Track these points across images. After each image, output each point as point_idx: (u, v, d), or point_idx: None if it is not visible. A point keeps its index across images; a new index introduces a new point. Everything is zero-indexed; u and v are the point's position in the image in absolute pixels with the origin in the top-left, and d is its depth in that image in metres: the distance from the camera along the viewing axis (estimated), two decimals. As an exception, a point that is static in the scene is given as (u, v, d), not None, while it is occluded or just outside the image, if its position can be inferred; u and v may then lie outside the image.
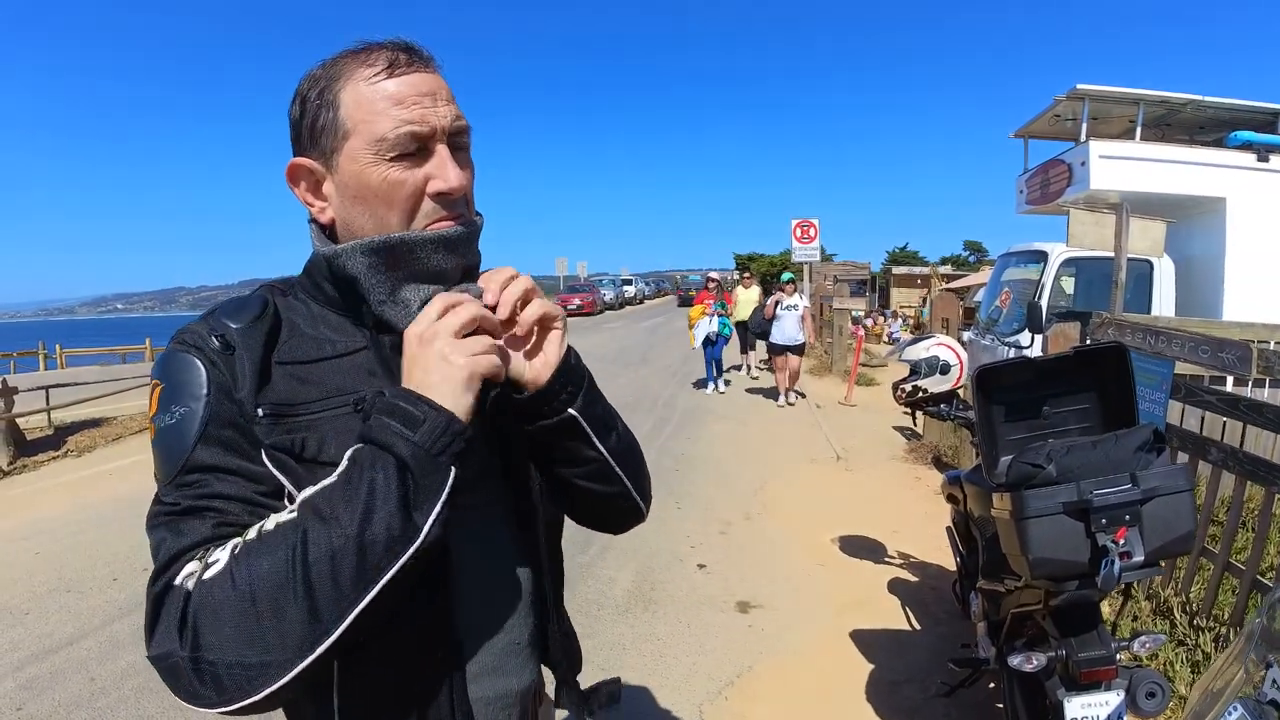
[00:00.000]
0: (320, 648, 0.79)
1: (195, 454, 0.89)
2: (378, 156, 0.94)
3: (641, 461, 1.17)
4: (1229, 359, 3.49)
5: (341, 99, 0.96)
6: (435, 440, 0.85)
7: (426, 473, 0.84)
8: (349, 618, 0.80)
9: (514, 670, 1.07)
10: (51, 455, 9.91)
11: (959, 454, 7.41)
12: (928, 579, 4.93)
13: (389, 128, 0.94)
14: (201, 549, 0.85)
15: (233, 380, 0.92)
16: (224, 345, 0.94)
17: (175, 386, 0.92)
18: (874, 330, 24.09)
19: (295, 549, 0.80)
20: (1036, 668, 2.31)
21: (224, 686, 0.78)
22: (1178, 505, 2.03)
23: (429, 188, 0.97)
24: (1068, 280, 9.15)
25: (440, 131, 0.96)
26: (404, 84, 0.95)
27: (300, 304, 1.03)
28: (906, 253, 59.68)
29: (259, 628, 0.78)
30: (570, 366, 1.01)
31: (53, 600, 4.97)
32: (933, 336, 3.68)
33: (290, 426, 0.93)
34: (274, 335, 0.98)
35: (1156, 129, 11.43)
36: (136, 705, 3.61)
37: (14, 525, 6.84)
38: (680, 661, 3.95)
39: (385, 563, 0.81)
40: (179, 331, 0.97)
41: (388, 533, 0.81)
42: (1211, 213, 9.68)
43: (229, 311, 0.98)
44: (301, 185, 1.02)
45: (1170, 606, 3.85)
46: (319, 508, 0.82)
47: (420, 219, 0.98)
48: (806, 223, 16.52)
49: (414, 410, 0.86)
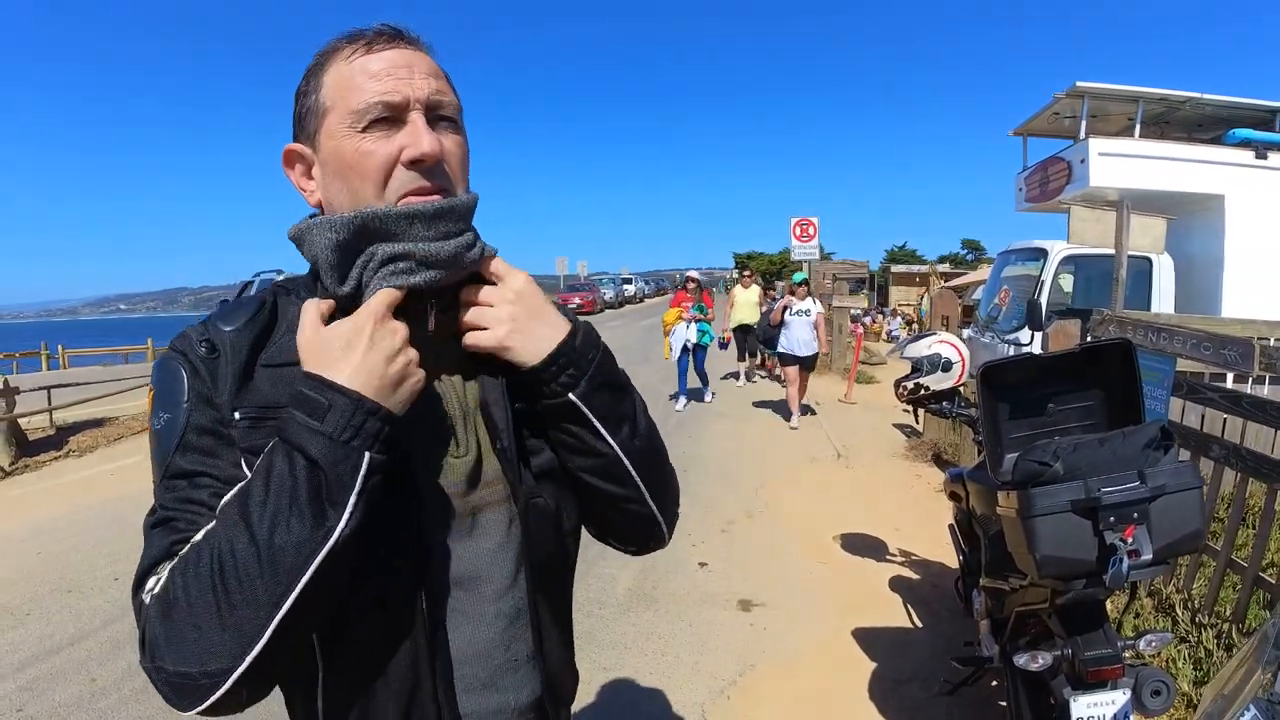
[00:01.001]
0: (249, 657, 0.79)
1: (174, 460, 0.91)
2: (351, 129, 0.93)
3: (663, 469, 1.12)
4: (1231, 355, 3.49)
5: (324, 80, 0.96)
6: (344, 426, 0.83)
7: (337, 462, 0.82)
8: (270, 626, 0.79)
9: (511, 686, 1.04)
10: (54, 455, 9.91)
11: (959, 451, 7.41)
12: (930, 577, 4.94)
13: (360, 99, 0.93)
14: (164, 563, 0.86)
15: (213, 386, 0.93)
16: (209, 350, 0.94)
17: (163, 393, 0.94)
18: (873, 329, 24.12)
19: (214, 559, 0.79)
20: (1043, 667, 2.31)
21: (181, 692, 0.80)
22: (1186, 503, 2.02)
23: (403, 156, 0.94)
24: (1067, 278, 9.17)
25: (414, 101, 0.94)
26: (381, 59, 0.95)
27: (300, 301, 1.00)
28: (905, 251, 59.74)
29: (190, 640, 0.79)
30: (572, 348, 0.98)
31: (54, 601, 4.97)
32: (935, 334, 3.67)
33: (269, 430, 0.90)
34: (264, 336, 0.98)
35: (1155, 126, 11.44)
36: (137, 706, 3.61)
37: (15, 525, 6.83)
38: (682, 660, 3.95)
39: (298, 568, 0.80)
40: (176, 336, 0.98)
41: (298, 536, 0.80)
42: (1210, 210, 9.70)
43: (224, 314, 0.99)
44: (296, 169, 1.02)
45: (1172, 603, 3.86)
46: (233, 513, 0.82)
47: (393, 190, 0.94)
48: (806, 221, 16.51)
49: (317, 397, 0.84)
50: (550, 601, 1.10)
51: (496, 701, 1.03)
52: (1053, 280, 8.64)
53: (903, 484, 7.39)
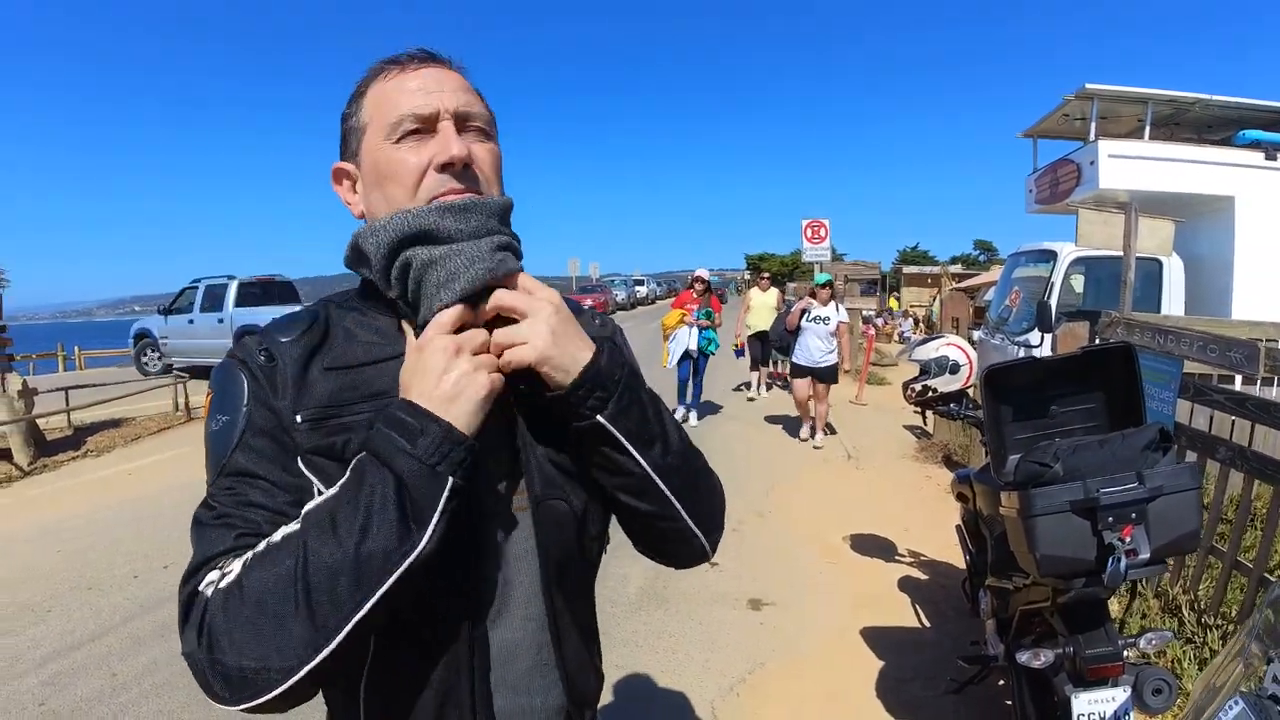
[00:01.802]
0: (320, 655, 0.83)
1: (232, 458, 0.96)
2: (387, 140, 1.00)
3: (699, 486, 1.10)
4: (1237, 358, 3.51)
5: (364, 102, 1.04)
6: (433, 452, 0.88)
7: (424, 484, 0.87)
8: (347, 627, 0.84)
9: (540, 689, 1.07)
10: (71, 455, 10.01)
11: (969, 453, 7.43)
12: (938, 577, 4.97)
13: (394, 112, 1.00)
14: (223, 558, 0.90)
15: (272, 391, 0.98)
16: (268, 358, 0.99)
17: (222, 396, 0.99)
18: (884, 330, 24.06)
19: (297, 561, 0.84)
20: (1044, 664, 2.35)
21: (234, 687, 0.83)
22: (1184, 503, 2.06)
23: (434, 161, 0.99)
24: (1077, 279, 9.16)
25: (444, 111, 1.00)
26: (414, 76, 1.02)
27: (353, 312, 1.07)
28: (917, 252, 59.54)
29: (262, 635, 0.83)
30: (599, 369, 0.97)
31: (74, 598, 5.05)
32: (942, 336, 3.71)
33: (331, 429, 0.97)
34: (319, 345, 1.02)
35: (1165, 128, 11.41)
36: (157, 700, 3.68)
37: (35, 524, 6.93)
38: (693, 658, 4.00)
39: (382, 575, 0.84)
40: (234, 345, 1.03)
41: (385, 546, 0.84)
42: (1220, 211, 9.67)
43: (280, 326, 1.04)
44: (343, 185, 1.10)
45: (1178, 604, 3.87)
46: (321, 520, 0.87)
47: (425, 193, 0.99)
48: (817, 223, 16.47)
49: (413, 422, 0.89)
50: (570, 604, 1.11)
51: (524, 703, 1.06)
52: (1063, 282, 8.64)
53: (912, 485, 7.42)
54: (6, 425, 9.40)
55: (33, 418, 9.87)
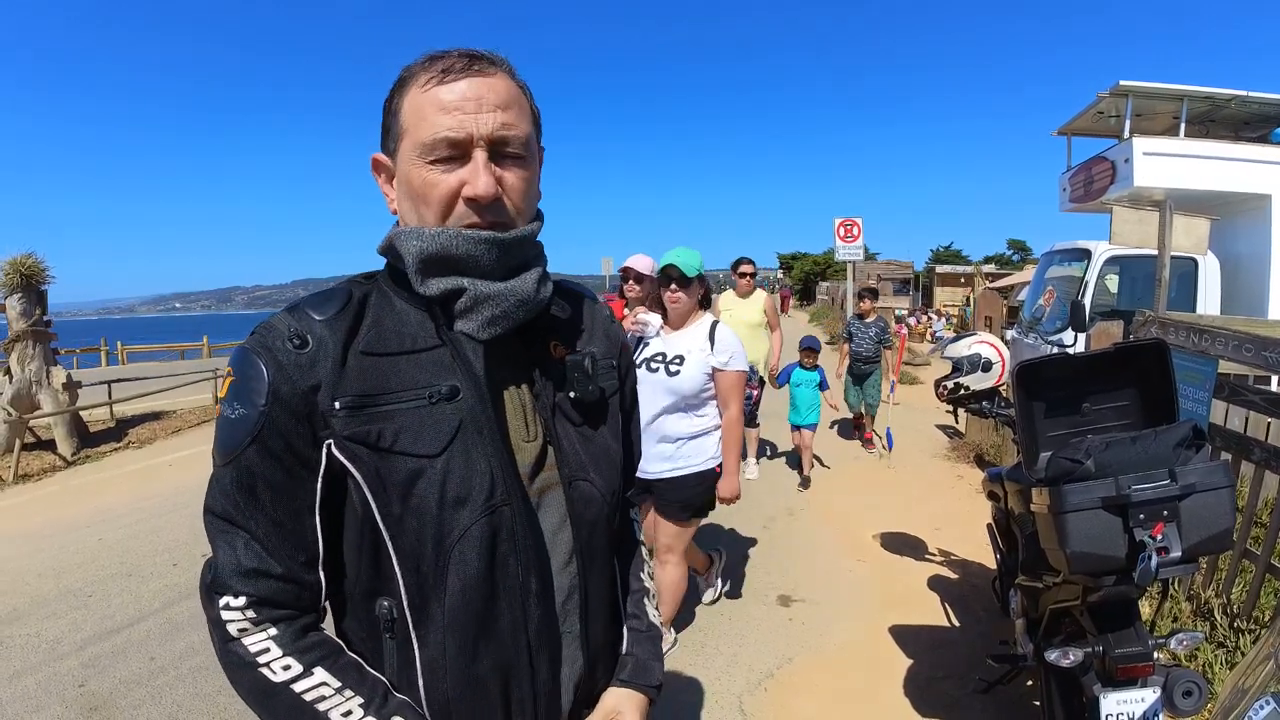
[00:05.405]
0: None
1: (247, 452, 0.98)
2: (420, 159, 1.01)
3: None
4: (1273, 358, 3.46)
5: (402, 104, 1.04)
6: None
7: None
8: None
9: (566, 659, 1.14)
10: (113, 446, 10.25)
11: (1001, 452, 7.37)
12: (968, 576, 4.94)
13: (429, 133, 1.00)
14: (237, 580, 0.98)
15: (303, 377, 0.99)
16: (299, 344, 1.00)
17: (241, 385, 0.99)
18: (917, 329, 23.87)
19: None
20: (1073, 663, 2.33)
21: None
22: (1216, 501, 2.04)
23: (463, 192, 1.01)
24: (1112, 279, 9.04)
25: (478, 138, 1.00)
26: (452, 90, 1.00)
27: (384, 298, 1.09)
28: (950, 251, 58.92)
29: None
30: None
31: (114, 584, 5.18)
32: (975, 334, 3.69)
33: (368, 416, 0.99)
34: (356, 326, 1.04)
35: (1200, 125, 11.18)
36: (194, 683, 3.77)
37: (78, 513, 7.11)
38: (720, 652, 4.02)
39: None
40: (260, 326, 1.03)
41: None
42: (1257, 210, 9.46)
43: (314, 303, 1.05)
44: (381, 176, 1.13)
45: (1211, 608, 3.82)
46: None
47: (454, 220, 1.02)
48: (850, 222, 16.37)
49: None
50: (598, 582, 1.19)
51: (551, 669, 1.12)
52: (1097, 281, 8.53)
53: (944, 484, 7.38)
54: (51, 417, 9.63)
55: (76, 410, 10.10)
